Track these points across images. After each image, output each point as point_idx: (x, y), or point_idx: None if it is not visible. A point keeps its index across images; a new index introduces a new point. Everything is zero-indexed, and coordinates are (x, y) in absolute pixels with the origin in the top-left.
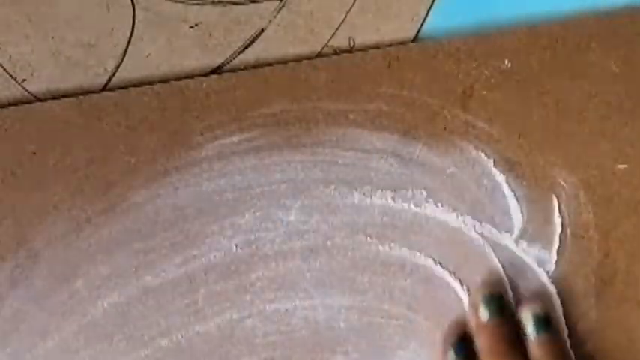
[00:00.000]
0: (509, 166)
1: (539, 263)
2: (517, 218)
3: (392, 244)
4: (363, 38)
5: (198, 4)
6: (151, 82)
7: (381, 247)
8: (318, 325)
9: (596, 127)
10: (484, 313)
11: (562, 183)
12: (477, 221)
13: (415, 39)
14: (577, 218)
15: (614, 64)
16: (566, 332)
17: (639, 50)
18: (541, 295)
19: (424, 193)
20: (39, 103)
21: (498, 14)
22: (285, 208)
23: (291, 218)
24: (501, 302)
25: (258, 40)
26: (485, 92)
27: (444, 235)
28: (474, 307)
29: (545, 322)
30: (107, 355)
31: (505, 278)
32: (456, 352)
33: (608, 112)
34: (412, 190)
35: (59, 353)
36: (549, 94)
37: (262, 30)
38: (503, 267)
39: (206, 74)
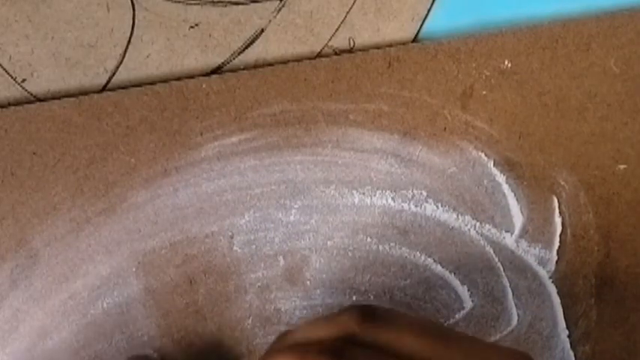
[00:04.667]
0: (509, 166)
1: (540, 263)
2: (517, 218)
3: (392, 244)
4: (363, 38)
5: (198, 4)
6: (151, 82)
7: (381, 247)
8: None
9: (596, 127)
10: None
11: (562, 183)
12: (477, 221)
13: (415, 39)
14: (577, 218)
15: (614, 64)
16: (566, 332)
17: (639, 50)
18: (541, 296)
19: (424, 193)
20: (39, 103)
21: (498, 14)
22: (285, 208)
23: (291, 218)
24: None
25: (258, 40)
26: (485, 92)
27: (444, 235)
28: None
29: None
30: (107, 355)
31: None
32: None
33: (608, 112)
34: (412, 190)
35: (59, 353)
36: (549, 94)
37: (262, 30)
38: (503, 267)
39: (206, 74)
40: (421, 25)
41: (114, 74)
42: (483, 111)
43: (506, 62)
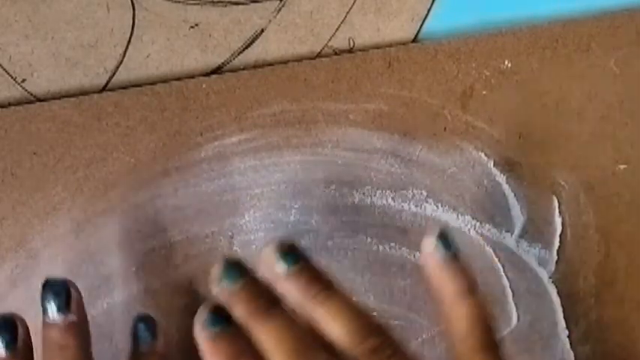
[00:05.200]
0: (509, 166)
1: (540, 263)
2: (517, 218)
3: (392, 244)
4: (363, 38)
5: (198, 4)
6: (151, 82)
7: (381, 247)
8: None
9: (596, 127)
10: (281, 266)
11: (562, 183)
12: (477, 221)
13: (415, 39)
14: (577, 218)
15: (614, 64)
16: (566, 332)
17: (639, 50)
18: (541, 296)
19: (424, 193)
20: (39, 103)
21: (498, 14)
22: (285, 208)
23: (291, 218)
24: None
25: (258, 40)
26: (485, 92)
27: None
28: (269, 265)
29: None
30: (107, 355)
31: None
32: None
33: (608, 112)
34: (412, 190)
35: None
36: (549, 94)
37: (262, 30)
38: (503, 267)
39: (206, 74)
40: (421, 25)
41: (114, 74)
42: (483, 111)
43: (506, 62)
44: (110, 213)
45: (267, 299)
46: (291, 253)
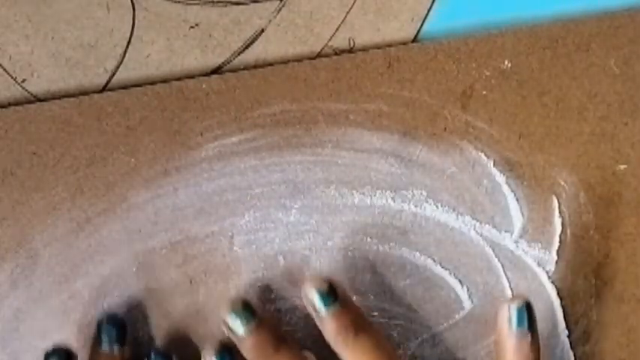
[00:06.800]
0: (509, 166)
1: (539, 263)
2: (517, 218)
3: (392, 244)
4: (363, 38)
5: (198, 4)
6: (151, 82)
7: (381, 247)
8: None
9: (596, 127)
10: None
11: (562, 183)
12: (477, 221)
13: (415, 39)
14: (577, 218)
15: (614, 64)
16: (566, 332)
17: (639, 50)
18: (541, 296)
19: (424, 193)
20: (39, 103)
21: (498, 14)
22: (285, 208)
23: (291, 218)
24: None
25: (258, 40)
26: (485, 92)
27: (443, 235)
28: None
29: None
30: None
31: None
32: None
33: (608, 112)
34: (412, 191)
35: None
36: (549, 94)
37: (262, 30)
38: (503, 267)
39: (206, 74)
40: (421, 25)
41: (114, 74)
42: (483, 111)
43: (506, 62)
44: (110, 213)
45: (273, 343)
46: (327, 295)
